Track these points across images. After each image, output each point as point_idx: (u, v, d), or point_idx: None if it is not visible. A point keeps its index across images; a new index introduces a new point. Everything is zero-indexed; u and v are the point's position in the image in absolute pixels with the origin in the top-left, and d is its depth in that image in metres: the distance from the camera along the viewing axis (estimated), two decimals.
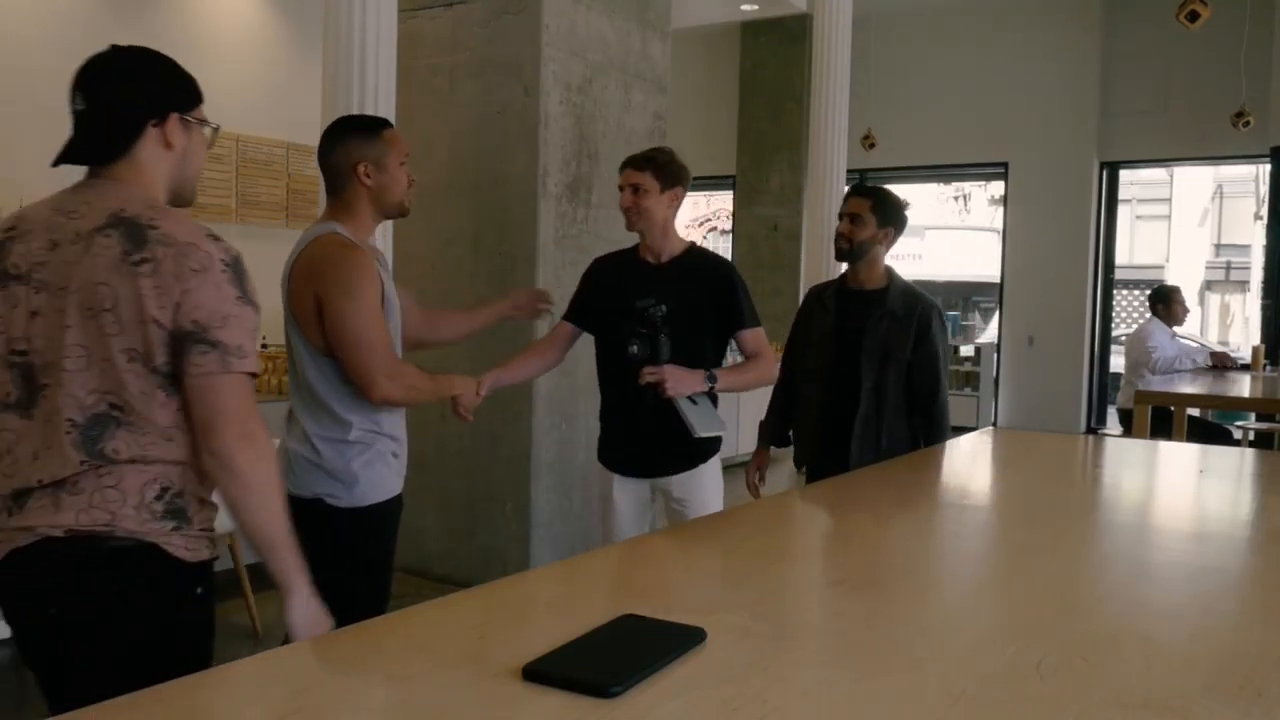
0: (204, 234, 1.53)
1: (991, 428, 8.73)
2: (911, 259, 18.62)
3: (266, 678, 1.14)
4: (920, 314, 3.01)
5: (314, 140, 2.41)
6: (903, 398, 3.00)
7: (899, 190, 3.41)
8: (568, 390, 4.17)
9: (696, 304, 2.70)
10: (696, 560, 1.75)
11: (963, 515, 2.14)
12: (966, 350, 10.90)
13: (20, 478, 1.48)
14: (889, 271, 3.12)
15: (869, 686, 1.10)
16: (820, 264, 6.34)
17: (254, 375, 1.54)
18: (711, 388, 2.64)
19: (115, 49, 1.61)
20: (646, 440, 2.74)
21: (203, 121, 1.66)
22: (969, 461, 2.96)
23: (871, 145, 9.56)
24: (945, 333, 3.10)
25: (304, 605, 1.56)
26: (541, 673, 1.06)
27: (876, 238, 3.04)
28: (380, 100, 3.38)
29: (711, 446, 2.79)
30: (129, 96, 1.57)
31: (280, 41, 7.73)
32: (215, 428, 1.47)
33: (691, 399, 2.61)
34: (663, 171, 2.75)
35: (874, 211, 3.05)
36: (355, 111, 3.23)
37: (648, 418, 2.64)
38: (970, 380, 10.71)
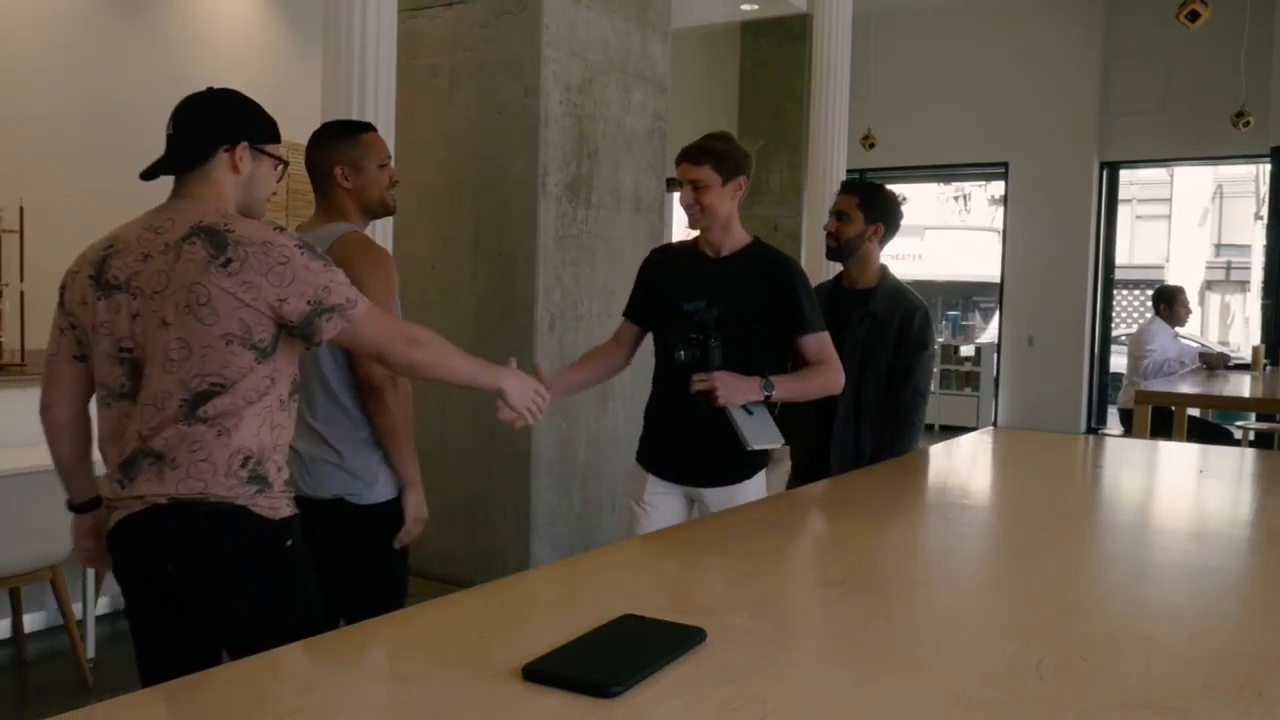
0: (271, 229, 1.79)
1: (991, 428, 8.74)
2: (911, 259, 18.64)
3: (266, 678, 1.14)
4: (902, 315, 2.90)
5: None
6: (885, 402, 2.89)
7: (899, 190, 3.36)
8: None
9: (753, 304, 2.51)
10: (696, 560, 1.75)
11: (963, 515, 2.14)
12: (966, 350, 10.90)
13: (129, 448, 1.75)
14: (883, 271, 3.03)
15: (869, 686, 1.10)
16: (820, 264, 6.34)
17: (368, 304, 1.81)
18: (768, 397, 2.43)
19: (208, 90, 1.95)
20: (691, 447, 2.56)
21: (273, 156, 1.93)
22: (969, 461, 2.96)
23: (871, 145, 9.56)
24: (931, 337, 2.96)
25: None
26: (541, 673, 1.06)
27: (865, 234, 2.95)
28: (380, 100, 3.38)
29: (759, 460, 2.57)
30: (207, 124, 1.87)
31: (280, 41, 7.73)
32: (386, 350, 1.83)
33: (746, 408, 2.42)
34: (723, 162, 2.53)
35: (861, 208, 2.95)
36: (355, 111, 3.24)
37: (695, 425, 2.47)
38: (970, 380, 10.71)
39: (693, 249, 2.65)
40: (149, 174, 1.88)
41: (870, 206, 2.97)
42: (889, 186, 3.16)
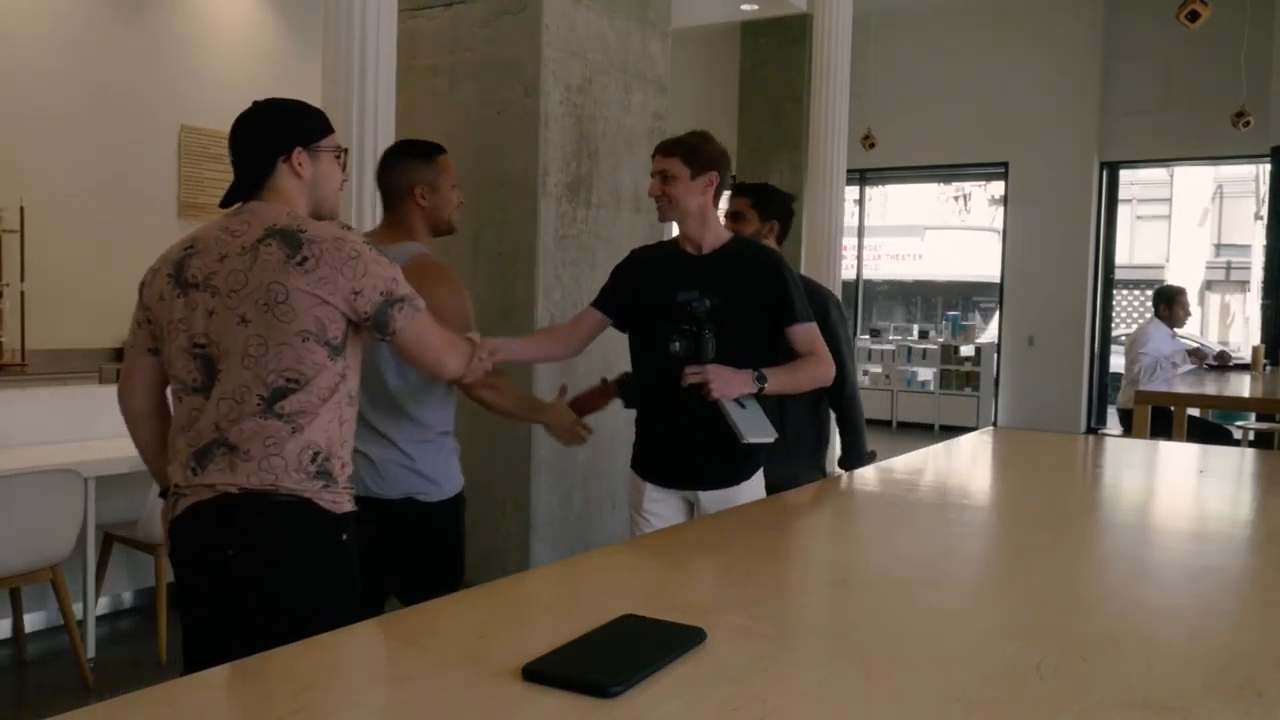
0: (339, 227, 1.91)
1: (991, 428, 8.73)
2: (911, 259, 18.63)
3: (266, 678, 1.14)
4: (818, 304, 2.93)
5: None
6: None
7: (899, 190, 3.48)
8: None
9: (743, 298, 2.49)
10: (696, 560, 1.75)
11: (963, 515, 2.14)
12: (966, 350, 10.90)
13: (203, 440, 1.84)
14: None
15: (869, 686, 1.10)
16: (820, 263, 6.34)
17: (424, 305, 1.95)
18: (761, 389, 2.42)
19: (253, 104, 2.02)
20: (687, 447, 2.53)
21: (329, 149, 2.01)
22: (969, 461, 2.96)
23: (871, 145, 9.56)
24: (844, 322, 3.15)
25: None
26: (541, 673, 1.06)
27: (761, 233, 3.09)
28: (380, 100, 3.38)
29: (754, 461, 2.55)
30: (260, 141, 1.96)
31: (280, 41, 7.73)
32: (439, 355, 1.99)
33: (739, 402, 2.40)
34: (692, 155, 2.55)
35: (754, 207, 3.11)
36: (355, 111, 3.24)
37: (692, 424, 2.44)
38: (970, 380, 10.71)
39: (674, 248, 2.64)
40: (227, 202, 1.99)
41: (764, 206, 3.13)
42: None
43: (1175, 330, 6.51)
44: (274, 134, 1.96)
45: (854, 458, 3.17)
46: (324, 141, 1.99)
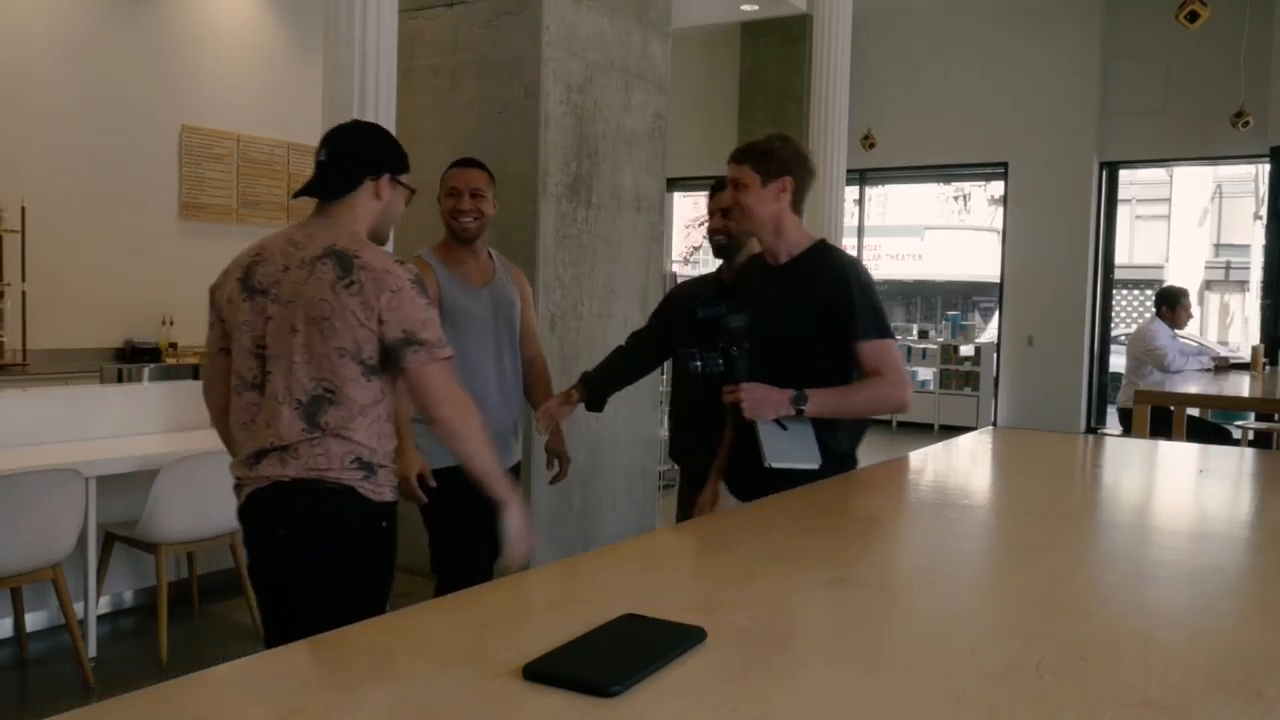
0: (393, 260, 2.04)
1: (991, 427, 8.73)
2: (912, 259, 18.64)
3: (266, 678, 1.14)
4: None
5: (314, 140, 2.46)
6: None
7: (899, 190, 3.42)
8: None
9: (806, 310, 2.34)
10: (696, 560, 1.75)
11: (963, 515, 2.14)
12: (966, 350, 10.90)
13: (258, 441, 2.03)
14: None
15: (869, 686, 1.10)
16: None
17: (450, 358, 2.06)
18: (800, 411, 2.25)
19: (355, 122, 2.31)
20: (757, 463, 2.35)
21: (406, 185, 2.21)
22: (969, 461, 2.96)
23: (871, 145, 9.56)
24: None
25: (519, 515, 2.13)
26: (541, 672, 1.06)
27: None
28: (380, 100, 3.38)
29: (785, 482, 2.29)
30: (357, 155, 2.14)
31: (280, 41, 7.72)
32: (439, 404, 2.04)
33: (780, 423, 2.26)
34: (762, 161, 2.42)
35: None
36: (355, 111, 3.25)
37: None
38: (970, 380, 10.71)
39: (761, 260, 2.52)
40: (299, 194, 2.15)
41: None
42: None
43: (1176, 331, 6.51)
44: (371, 154, 2.15)
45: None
46: (405, 177, 2.20)
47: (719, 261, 3.00)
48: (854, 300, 2.31)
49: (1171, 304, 6.47)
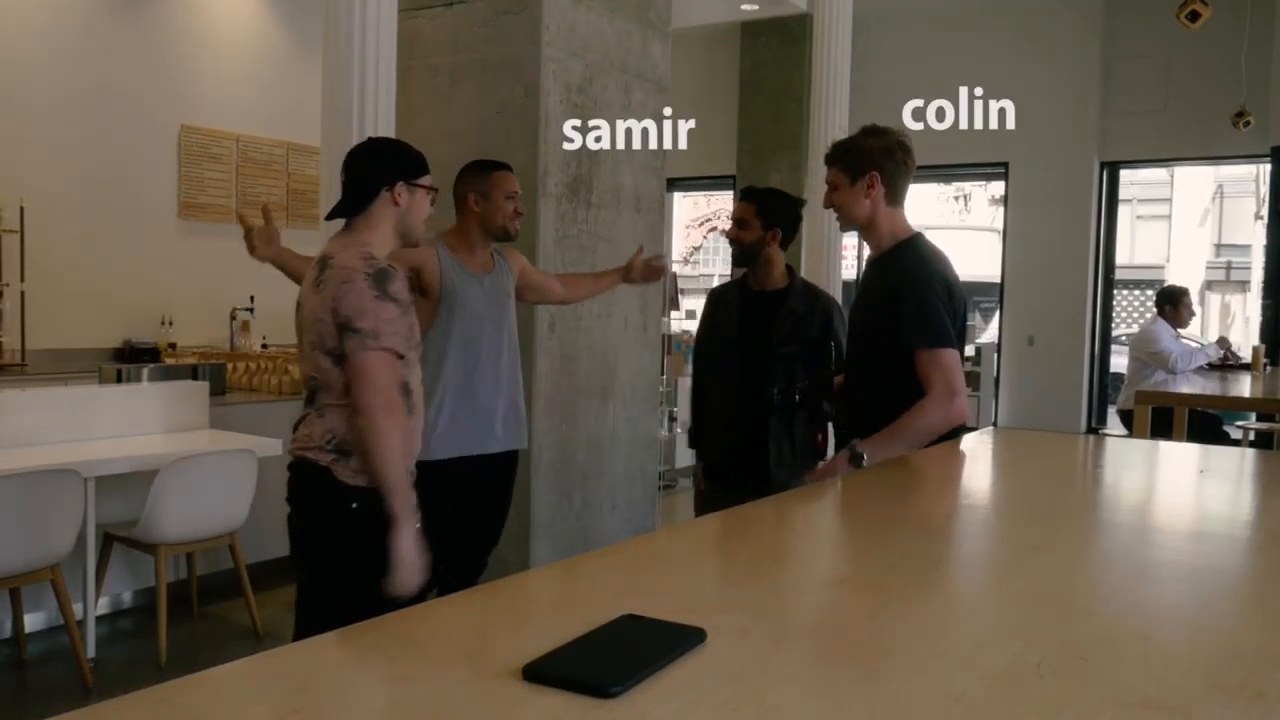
0: (360, 258, 2.22)
1: (991, 427, 8.73)
2: None
3: (266, 678, 1.14)
4: (821, 309, 3.07)
5: (314, 140, 2.52)
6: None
7: None
8: (567, 390, 4.17)
9: (873, 308, 2.34)
10: (696, 560, 1.75)
11: (963, 515, 2.14)
12: (967, 350, 10.89)
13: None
14: (790, 271, 3.21)
15: (869, 686, 1.10)
16: (821, 265, 6.34)
17: (400, 355, 2.21)
18: (861, 465, 2.26)
19: (370, 140, 2.63)
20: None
21: (425, 186, 2.38)
22: (969, 461, 2.96)
23: None
24: (845, 326, 3.16)
25: (410, 539, 2.22)
26: (541, 673, 1.05)
27: (764, 239, 3.13)
28: (380, 100, 3.38)
29: None
30: (368, 173, 2.34)
31: (280, 41, 7.72)
32: (363, 392, 2.17)
33: (856, 465, 2.33)
34: (847, 158, 2.40)
35: (758, 215, 3.14)
36: (355, 111, 3.25)
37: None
38: (970, 380, 10.70)
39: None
40: (330, 217, 2.41)
41: (768, 214, 3.16)
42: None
43: (1178, 331, 6.51)
44: (380, 168, 2.34)
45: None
46: (421, 179, 2.36)
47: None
48: (901, 308, 2.26)
49: (1173, 303, 6.47)
